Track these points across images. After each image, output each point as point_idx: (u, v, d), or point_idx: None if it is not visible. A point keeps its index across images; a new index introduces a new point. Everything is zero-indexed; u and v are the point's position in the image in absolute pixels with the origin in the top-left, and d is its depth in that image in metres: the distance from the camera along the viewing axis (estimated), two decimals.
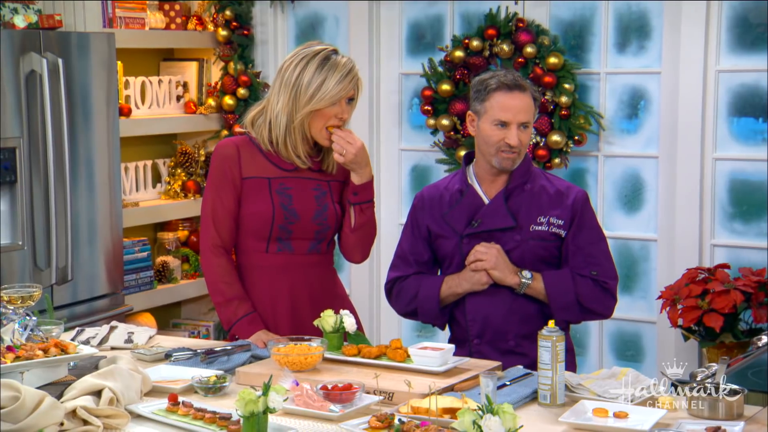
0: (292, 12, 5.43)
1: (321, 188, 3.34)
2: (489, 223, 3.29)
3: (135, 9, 5.07)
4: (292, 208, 3.27)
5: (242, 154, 3.30)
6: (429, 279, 3.37)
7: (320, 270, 3.38)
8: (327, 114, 3.24)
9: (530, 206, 3.30)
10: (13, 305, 2.83)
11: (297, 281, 3.32)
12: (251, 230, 3.30)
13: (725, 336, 4.20)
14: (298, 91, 3.24)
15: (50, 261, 4.24)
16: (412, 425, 2.34)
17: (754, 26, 4.49)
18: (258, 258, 3.32)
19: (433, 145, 5.06)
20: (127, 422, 2.50)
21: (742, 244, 4.55)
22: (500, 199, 3.30)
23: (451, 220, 3.34)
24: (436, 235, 3.37)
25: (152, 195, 5.25)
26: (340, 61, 3.25)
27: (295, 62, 3.26)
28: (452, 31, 5.04)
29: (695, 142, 4.54)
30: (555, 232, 3.28)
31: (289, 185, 3.30)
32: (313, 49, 3.27)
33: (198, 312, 5.55)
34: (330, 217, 3.33)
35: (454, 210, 3.34)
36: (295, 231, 3.29)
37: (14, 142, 4.12)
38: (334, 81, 3.22)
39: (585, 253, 3.29)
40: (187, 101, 5.42)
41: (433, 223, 3.37)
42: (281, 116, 3.26)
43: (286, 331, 3.24)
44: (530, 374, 2.83)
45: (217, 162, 3.32)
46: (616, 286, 3.33)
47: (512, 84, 3.25)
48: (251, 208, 3.28)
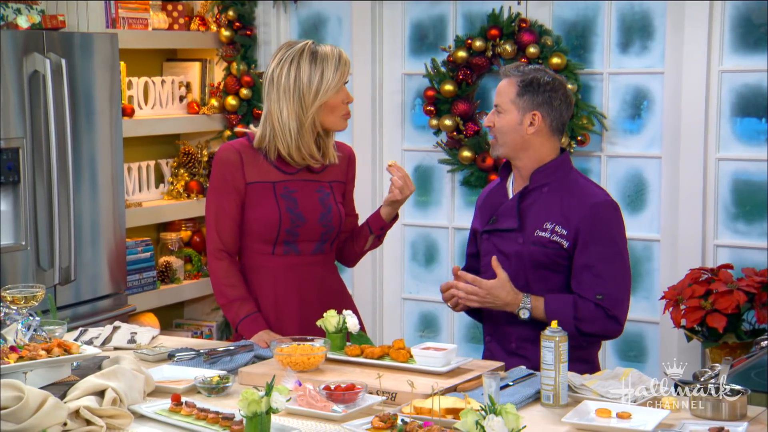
0: (294, 12, 5.43)
1: (324, 189, 3.34)
2: (501, 222, 3.29)
3: (138, 9, 5.07)
4: (299, 212, 3.28)
5: (245, 159, 3.29)
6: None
7: (325, 269, 3.39)
8: (334, 103, 3.27)
9: (540, 210, 3.22)
10: (16, 305, 2.83)
11: (304, 281, 3.33)
12: (257, 234, 3.30)
13: (728, 336, 4.20)
14: (300, 91, 3.24)
15: (53, 261, 4.25)
16: (415, 426, 2.34)
17: (756, 26, 4.49)
18: (264, 260, 3.32)
19: (435, 146, 5.06)
20: (130, 422, 2.50)
21: (745, 245, 4.55)
22: (515, 200, 3.27)
23: (482, 215, 3.36)
24: (474, 230, 3.42)
25: (155, 195, 5.26)
26: (326, 50, 3.28)
27: (285, 66, 3.25)
28: (455, 31, 5.05)
29: (698, 143, 4.54)
30: (556, 241, 3.18)
31: (293, 188, 3.30)
32: (296, 49, 3.27)
33: (201, 312, 5.55)
34: (334, 219, 3.34)
35: (485, 205, 3.37)
36: (301, 234, 3.30)
37: (17, 142, 4.13)
38: (331, 70, 3.24)
39: (594, 272, 3.16)
40: (190, 102, 5.42)
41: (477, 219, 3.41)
42: (291, 122, 3.25)
43: (294, 332, 3.25)
44: (533, 374, 2.83)
45: (219, 167, 3.32)
46: (624, 311, 3.20)
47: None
48: (257, 213, 3.28)
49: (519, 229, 3.24)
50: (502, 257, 3.26)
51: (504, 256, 3.26)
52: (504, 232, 3.27)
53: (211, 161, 5.39)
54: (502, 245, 3.28)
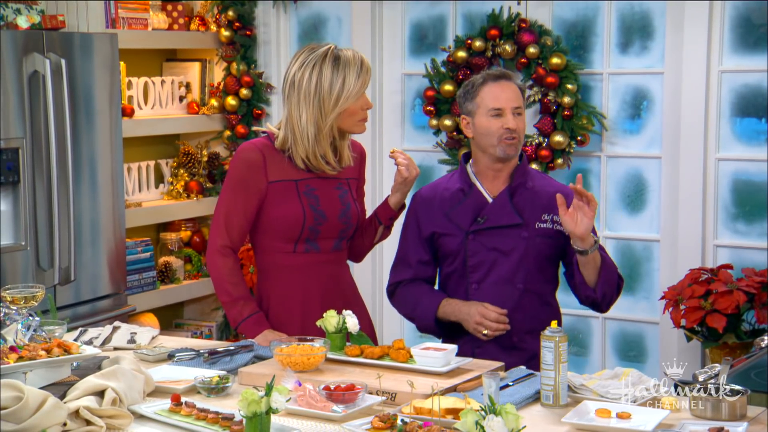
0: (294, 12, 5.43)
1: (342, 187, 3.37)
2: (495, 219, 3.32)
3: (138, 9, 5.07)
4: (320, 209, 3.29)
5: (267, 159, 3.29)
6: (427, 298, 3.41)
7: (341, 267, 3.44)
8: (354, 110, 3.27)
9: (534, 204, 3.34)
10: (16, 306, 2.83)
11: (325, 279, 3.35)
12: (280, 232, 3.30)
13: (728, 337, 4.20)
14: (321, 98, 3.23)
15: (53, 261, 4.25)
16: (415, 426, 2.34)
17: (756, 26, 4.49)
18: (285, 259, 3.33)
19: (435, 146, 5.06)
20: (130, 422, 2.50)
21: (745, 245, 4.55)
22: (505, 197, 3.34)
23: (456, 217, 3.36)
24: (439, 234, 3.39)
25: (155, 195, 5.26)
26: (349, 55, 3.26)
27: (307, 71, 3.24)
28: (455, 31, 5.04)
29: (698, 143, 4.54)
30: (559, 230, 3.32)
31: (314, 186, 3.31)
32: (319, 53, 3.26)
33: (201, 312, 5.55)
34: (353, 216, 3.37)
35: (458, 208, 3.37)
36: (322, 231, 3.31)
37: (17, 142, 4.13)
38: (353, 77, 3.24)
39: None
40: (190, 102, 5.42)
41: (435, 222, 3.39)
42: (309, 128, 3.25)
43: (317, 330, 3.24)
44: (533, 375, 2.83)
45: (241, 166, 3.31)
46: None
47: (498, 74, 3.35)
48: (280, 210, 3.29)
49: (523, 224, 3.32)
50: (498, 254, 3.31)
51: (500, 253, 3.32)
52: (503, 229, 3.31)
53: (211, 161, 5.43)
54: (498, 242, 3.32)
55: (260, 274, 3.40)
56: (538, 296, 3.36)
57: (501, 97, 3.30)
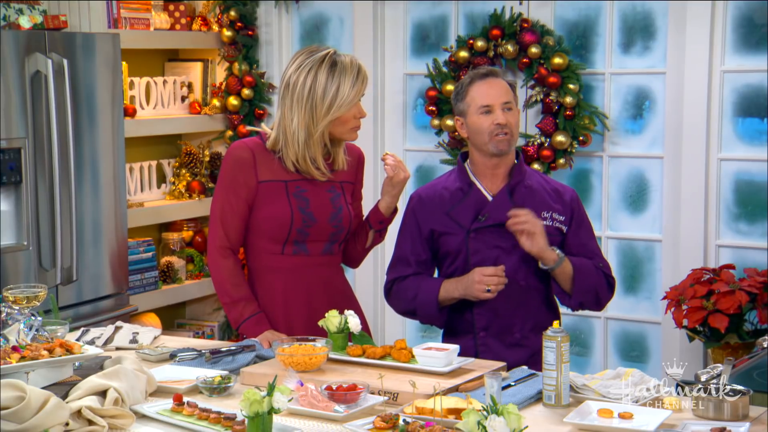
0: (296, 12, 5.43)
1: (335, 190, 3.34)
2: (497, 216, 3.32)
3: (140, 9, 5.07)
4: (310, 212, 3.27)
5: (257, 158, 3.28)
6: (427, 282, 3.40)
7: (332, 270, 3.40)
8: (347, 118, 3.24)
9: (533, 202, 3.36)
10: (18, 305, 2.83)
11: (312, 282, 3.33)
12: (268, 233, 3.29)
13: (730, 337, 4.20)
14: (313, 103, 3.21)
15: (55, 261, 4.25)
16: (417, 426, 2.34)
17: (758, 26, 4.48)
18: (272, 260, 3.31)
19: (437, 146, 5.06)
20: (132, 422, 2.50)
21: (747, 245, 4.55)
22: (505, 194, 3.35)
23: (457, 216, 3.36)
24: (439, 233, 3.39)
25: (157, 195, 5.26)
26: (346, 62, 3.23)
27: (302, 74, 3.22)
28: (457, 31, 5.04)
29: (700, 143, 4.54)
30: (558, 227, 3.36)
31: (305, 188, 3.29)
32: (317, 57, 3.23)
33: (203, 312, 5.55)
34: (345, 219, 3.33)
35: (458, 207, 3.37)
36: (311, 233, 3.29)
37: (19, 142, 4.13)
38: (348, 85, 3.21)
39: (588, 248, 3.41)
40: (192, 102, 5.42)
41: (436, 221, 3.39)
42: (299, 132, 3.23)
43: (301, 332, 3.23)
44: (535, 375, 2.83)
45: (231, 165, 3.30)
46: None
47: (485, 72, 3.38)
48: (268, 211, 3.27)
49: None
50: (500, 251, 3.32)
51: (502, 251, 3.33)
52: (505, 226, 3.30)
53: (213, 161, 5.43)
54: (499, 241, 3.33)
55: (250, 274, 3.38)
56: (540, 293, 3.39)
57: (489, 93, 3.32)
